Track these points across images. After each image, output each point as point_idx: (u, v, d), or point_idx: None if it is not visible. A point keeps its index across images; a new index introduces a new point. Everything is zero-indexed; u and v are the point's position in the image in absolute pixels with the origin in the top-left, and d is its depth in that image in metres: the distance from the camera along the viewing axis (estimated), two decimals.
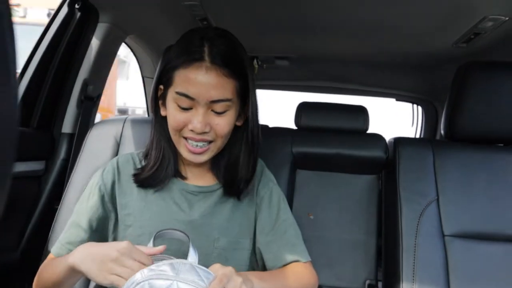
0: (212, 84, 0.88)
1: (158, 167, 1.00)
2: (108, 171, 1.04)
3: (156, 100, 1.01)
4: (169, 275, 0.70)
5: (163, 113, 1.00)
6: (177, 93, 0.90)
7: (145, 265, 0.76)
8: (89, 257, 0.81)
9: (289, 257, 1.03)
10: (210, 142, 0.95)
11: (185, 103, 0.90)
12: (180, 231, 0.87)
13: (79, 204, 1.03)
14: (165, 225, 0.94)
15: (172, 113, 0.93)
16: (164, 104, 0.98)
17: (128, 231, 0.99)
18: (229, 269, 0.78)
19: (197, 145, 0.93)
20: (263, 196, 1.08)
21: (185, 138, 0.94)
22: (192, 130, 0.91)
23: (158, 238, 0.85)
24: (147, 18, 1.75)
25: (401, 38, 1.78)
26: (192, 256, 0.81)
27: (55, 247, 0.98)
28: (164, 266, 0.72)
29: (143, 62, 2.31)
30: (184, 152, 0.96)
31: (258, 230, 1.06)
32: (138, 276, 0.71)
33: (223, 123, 0.93)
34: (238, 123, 0.99)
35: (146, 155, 1.05)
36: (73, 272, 0.84)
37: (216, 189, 1.04)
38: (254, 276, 0.92)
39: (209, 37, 0.91)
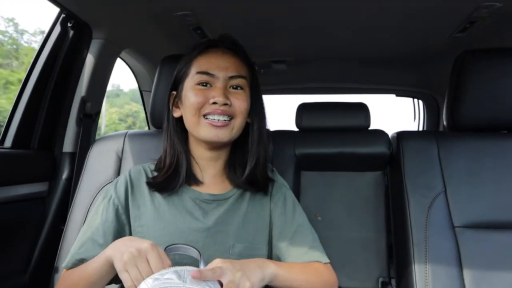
0: (229, 62, 1.01)
1: (173, 171, 1.04)
2: (121, 183, 1.06)
3: (168, 105, 1.08)
4: (176, 283, 0.69)
5: (176, 114, 1.07)
6: (198, 72, 1.00)
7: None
8: (120, 245, 0.81)
9: (309, 258, 1.03)
10: (231, 118, 1.00)
11: (206, 79, 1.00)
12: (191, 246, 0.85)
13: (91, 220, 1.02)
14: (179, 234, 0.97)
15: (192, 95, 1.00)
16: (177, 105, 1.06)
17: None
18: (238, 275, 0.79)
19: (218, 119, 0.98)
20: (277, 201, 1.10)
21: (206, 118, 0.99)
22: (214, 103, 0.97)
23: (169, 252, 0.84)
24: (140, 31, 1.75)
25: (397, 33, 1.78)
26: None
27: (68, 262, 0.97)
28: (169, 274, 0.71)
29: (139, 76, 2.31)
30: (206, 132, 0.99)
31: (275, 236, 1.06)
32: (143, 286, 0.70)
33: (241, 98, 1.01)
34: (249, 120, 1.06)
35: (157, 166, 1.09)
36: (107, 266, 0.83)
37: (230, 196, 1.05)
38: (271, 262, 0.93)
39: (218, 38, 1.07)
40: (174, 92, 1.07)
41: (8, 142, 1.40)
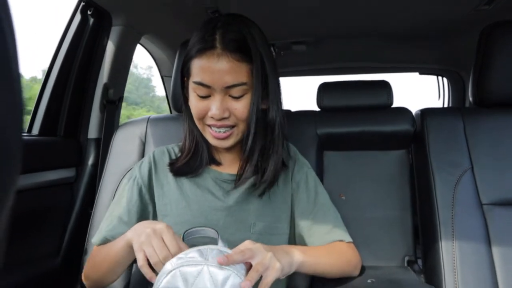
0: (225, 70, 0.90)
1: (192, 155, 1.05)
2: (145, 164, 1.08)
3: (183, 91, 1.05)
4: (198, 261, 0.70)
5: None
6: (194, 82, 0.93)
7: (170, 253, 0.77)
8: (138, 228, 0.84)
9: (332, 238, 1.03)
10: (232, 126, 0.96)
11: (203, 91, 0.93)
12: (208, 227, 0.86)
13: (118, 199, 1.05)
14: (201, 213, 0.98)
15: (193, 102, 0.97)
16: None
17: (165, 220, 1.00)
18: (269, 255, 0.79)
19: (219, 131, 0.96)
20: (299, 180, 1.09)
21: (209, 126, 0.97)
22: (212, 117, 0.94)
23: (187, 237, 0.85)
24: (159, 16, 1.75)
25: (421, 6, 1.73)
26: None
27: (97, 238, 1.01)
28: (192, 253, 0.72)
29: (160, 61, 2.32)
30: (210, 139, 0.99)
31: (298, 215, 1.06)
32: (168, 266, 0.72)
33: (242, 107, 0.94)
34: (264, 106, 0.99)
35: (181, 148, 1.10)
36: (127, 247, 0.86)
37: (251, 176, 1.04)
38: (296, 249, 0.93)
39: (222, 24, 0.93)
40: (186, 79, 1.03)
41: (35, 130, 1.44)
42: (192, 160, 1.05)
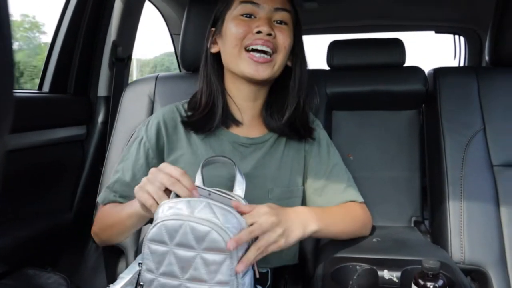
0: None
1: (209, 110, 1.01)
2: (152, 125, 1.03)
3: (206, 41, 1.05)
4: (182, 215, 0.71)
5: (214, 49, 1.03)
6: (242, 1, 0.96)
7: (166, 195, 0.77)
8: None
9: (345, 198, 1.04)
10: (271, 54, 0.96)
11: (250, 9, 0.96)
12: (226, 157, 0.88)
13: (124, 159, 1.04)
14: (215, 177, 0.93)
15: (233, 25, 0.97)
16: (215, 42, 1.03)
17: None
18: (271, 220, 0.78)
19: (261, 56, 0.94)
20: (312, 142, 1.08)
21: (247, 51, 0.95)
22: (257, 33, 0.94)
23: (205, 165, 0.87)
24: None
25: None
26: (239, 181, 0.84)
27: (102, 197, 1.01)
28: (181, 204, 0.72)
29: (169, 19, 2.28)
30: (246, 66, 0.96)
31: (310, 176, 1.06)
32: (159, 210, 0.73)
33: (285, 33, 0.97)
34: (289, 63, 1.02)
35: (190, 105, 1.06)
36: (138, 215, 0.85)
37: (267, 140, 1.04)
38: (312, 216, 0.90)
39: None
40: (213, 29, 1.03)
41: (46, 87, 1.45)
42: (208, 115, 1.00)
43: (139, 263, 0.79)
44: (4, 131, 0.28)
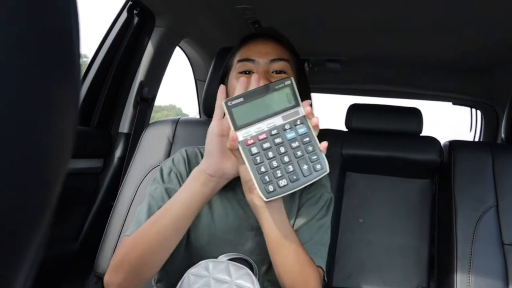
0: (270, 47, 0.99)
1: None
2: (179, 160, 1.02)
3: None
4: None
5: None
6: (239, 61, 0.98)
7: None
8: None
9: (311, 248, 0.93)
10: None
11: (247, 66, 0.97)
12: (248, 260, 0.87)
13: (153, 192, 0.96)
14: (228, 231, 0.93)
15: (233, 83, 0.97)
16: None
17: (189, 231, 0.94)
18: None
19: None
20: (311, 197, 1.06)
21: None
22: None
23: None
24: (200, 22, 1.80)
25: (459, 36, 1.71)
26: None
27: (132, 229, 0.91)
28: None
29: (196, 65, 2.37)
30: None
31: (295, 225, 1.00)
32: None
33: None
34: None
35: None
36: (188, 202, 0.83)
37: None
38: (288, 226, 0.86)
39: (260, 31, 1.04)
40: (224, 86, 1.03)
41: None
42: None
43: None
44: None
